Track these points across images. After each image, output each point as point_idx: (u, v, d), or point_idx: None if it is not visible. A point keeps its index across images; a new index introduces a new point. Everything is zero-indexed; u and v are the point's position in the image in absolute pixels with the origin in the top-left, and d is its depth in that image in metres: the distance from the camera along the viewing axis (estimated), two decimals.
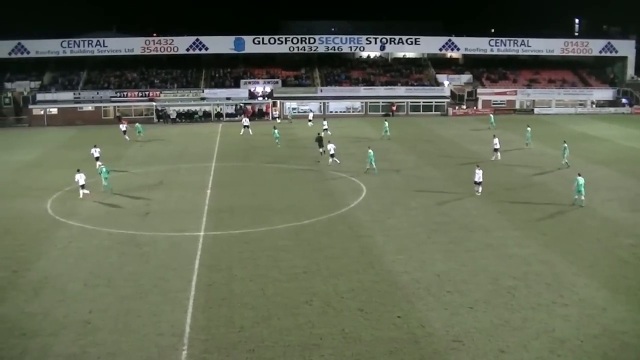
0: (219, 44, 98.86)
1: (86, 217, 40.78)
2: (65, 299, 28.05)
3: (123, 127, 75.66)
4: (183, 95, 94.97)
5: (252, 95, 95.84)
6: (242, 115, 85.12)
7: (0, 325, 25.54)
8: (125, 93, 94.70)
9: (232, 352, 23.10)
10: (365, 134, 74.12)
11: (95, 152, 57.68)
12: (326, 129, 72.06)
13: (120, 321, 25.56)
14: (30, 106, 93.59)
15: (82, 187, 46.23)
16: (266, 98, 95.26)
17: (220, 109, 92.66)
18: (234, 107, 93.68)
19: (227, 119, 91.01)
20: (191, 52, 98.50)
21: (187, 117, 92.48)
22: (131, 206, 43.50)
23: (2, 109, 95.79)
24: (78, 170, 47.00)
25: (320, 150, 60.31)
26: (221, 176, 52.45)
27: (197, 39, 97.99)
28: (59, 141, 74.62)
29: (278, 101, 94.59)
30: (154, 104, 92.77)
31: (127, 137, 73.37)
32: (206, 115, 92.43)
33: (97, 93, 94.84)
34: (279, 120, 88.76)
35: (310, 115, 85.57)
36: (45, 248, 35.15)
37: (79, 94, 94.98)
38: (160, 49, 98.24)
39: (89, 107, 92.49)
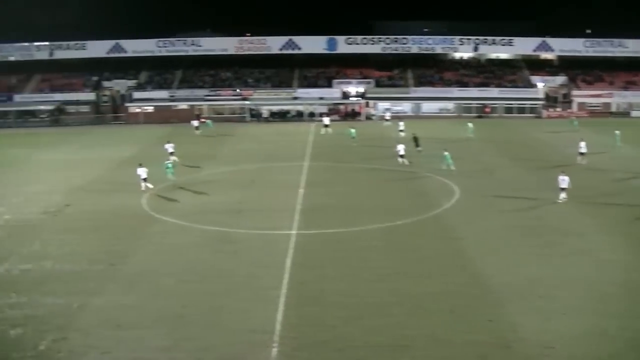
0: (312, 44, 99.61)
1: (180, 214, 41.82)
2: (160, 293, 28.90)
3: (195, 123, 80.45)
4: (276, 95, 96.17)
5: (345, 96, 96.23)
6: (323, 115, 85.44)
7: (97, 316, 26.54)
8: (219, 92, 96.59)
9: (322, 350, 23.34)
10: (458, 135, 73.37)
11: (170, 147, 59.72)
12: (402, 130, 71.68)
13: (212, 316, 26.16)
14: (127, 104, 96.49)
15: (145, 180, 48.11)
16: (359, 98, 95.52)
17: (314, 109, 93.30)
18: (326, 106, 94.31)
19: (320, 118, 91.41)
20: (284, 52, 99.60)
21: (280, 116, 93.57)
22: (224, 204, 44.36)
23: (100, 107, 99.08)
24: (140, 165, 48.93)
25: (418, 149, 60.46)
26: (314, 175, 52.92)
27: (290, 39, 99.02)
28: (155, 139, 76.57)
29: (370, 101, 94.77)
30: (247, 103, 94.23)
31: (197, 132, 78.45)
32: (299, 115, 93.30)
33: (192, 92, 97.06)
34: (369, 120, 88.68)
35: (387, 115, 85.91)
36: (140, 243, 36.27)
37: (174, 92, 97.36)
38: (254, 48, 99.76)
39: (183, 106, 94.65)
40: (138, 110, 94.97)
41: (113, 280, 30.59)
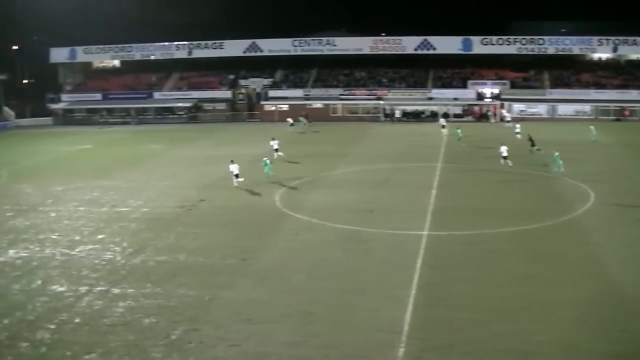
0: (447, 44, 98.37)
1: (312, 211, 42.27)
2: (289, 289, 29.29)
3: (291, 120, 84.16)
4: (410, 95, 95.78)
5: (480, 97, 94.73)
6: (440, 116, 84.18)
7: (228, 309, 27.19)
8: (353, 91, 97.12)
9: (449, 353, 23.05)
10: (581, 138, 70.22)
11: (275, 144, 61.42)
12: (518, 133, 69.61)
13: (341, 314, 26.28)
14: (262, 102, 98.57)
15: (237, 176, 49.82)
16: (493, 99, 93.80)
17: (448, 109, 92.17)
18: (461, 107, 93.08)
19: (455, 119, 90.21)
20: (419, 52, 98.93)
21: (414, 116, 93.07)
22: (357, 202, 44.50)
23: (236, 105, 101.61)
24: (232, 162, 50.68)
25: (535, 148, 59.45)
26: (447, 176, 52.30)
27: (425, 39, 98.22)
28: (288, 137, 77.87)
29: (505, 103, 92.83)
30: (381, 102, 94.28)
31: (290, 129, 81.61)
32: (433, 115, 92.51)
33: (326, 91, 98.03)
34: (498, 122, 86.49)
35: (508, 117, 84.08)
36: (272, 239, 36.90)
37: (309, 91, 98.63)
38: (389, 48, 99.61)
39: (317, 104, 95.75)
40: (273, 108, 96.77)
41: (244, 275, 31.26)
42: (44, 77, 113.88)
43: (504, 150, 55.21)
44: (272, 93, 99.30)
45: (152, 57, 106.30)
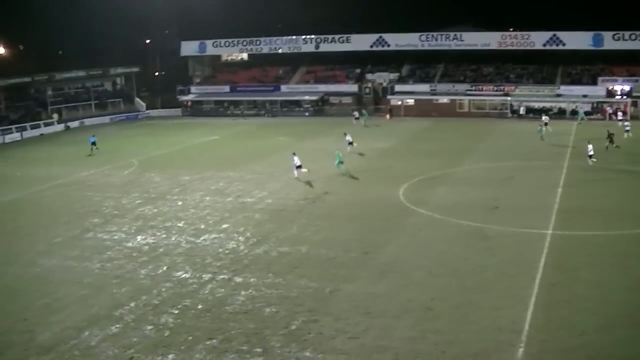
0: (577, 40, 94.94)
1: (435, 207, 42.06)
2: (410, 284, 29.31)
3: (356, 114, 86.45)
4: (538, 91, 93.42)
5: (610, 94, 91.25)
6: (542, 114, 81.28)
7: (347, 302, 27.48)
8: (480, 87, 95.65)
9: (570, 356, 22.57)
10: None
11: (348, 137, 63.11)
12: (627, 131, 66.84)
13: (461, 311, 26.15)
14: (388, 97, 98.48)
15: (299, 167, 51.72)
16: (624, 97, 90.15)
17: (576, 107, 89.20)
18: (590, 105, 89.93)
19: (586, 117, 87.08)
20: (547, 47, 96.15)
21: (541, 113, 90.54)
22: (481, 199, 43.97)
23: (362, 99, 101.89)
24: (294, 154, 52.60)
25: (613, 146, 58.25)
26: (573, 175, 50.84)
27: (554, 35, 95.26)
28: (414, 131, 77.65)
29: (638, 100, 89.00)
30: (509, 98, 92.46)
31: (354, 122, 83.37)
32: (560, 113, 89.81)
33: (453, 86, 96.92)
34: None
35: (620, 115, 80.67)
36: (394, 233, 36.98)
37: (435, 86, 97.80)
38: (517, 44, 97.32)
39: (444, 100, 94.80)
40: (399, 102, 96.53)
41: (365, 269, 31.49)
42: (174, 69, 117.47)
43: (591, 149, 53.79)
44: (399, 87, 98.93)
45: (280, 51, 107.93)
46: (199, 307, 27.75)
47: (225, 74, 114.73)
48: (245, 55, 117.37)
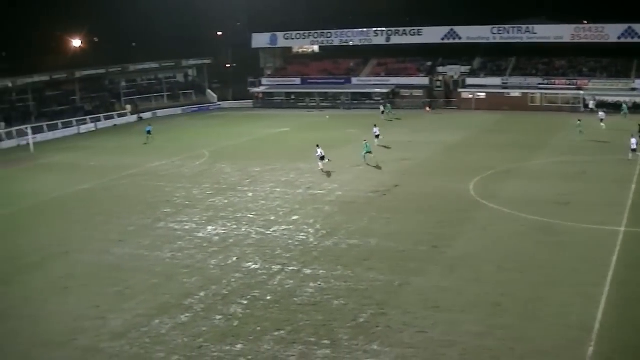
0: None
1: (505, 201, 41.62)
2: (479, 278, 29.16)
3: (382, 108, 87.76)
4: (612, 85, 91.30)
5: None
6: (599, 109, 79.25)
7: (416, 296, 27.49)
8: (552, 80, 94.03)
9: None
10: None
11: (377, 130, 64.39)
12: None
13: (529, 307, 25.90)
14: (459, 90, 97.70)
15: (322, 158, 52.84)
16: None
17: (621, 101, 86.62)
18: None
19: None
20: (622, 40, 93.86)
21: (613, 107, 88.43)
22: (551, 194, 43.31)
23: (433, 92, 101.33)
24: (317, 146, 53.68)
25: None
26: None
27: (630, 27, 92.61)
28: (485, 125, 76.90)
29: None
30: (581, 92, 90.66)
31: (382, 117, 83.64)
32: (636, 107, 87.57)
33: (525, 79, 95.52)
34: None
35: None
36: (464, 227, 36.81)
37: (507, 79, 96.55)
38: (590, 36, 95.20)
39: (515, 93, 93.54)
40: (470, 96, 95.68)
41: (434, 262, 31.45)
42: (245, 61, 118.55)
43: (634, 142, 52.62)
44: (470, 81, 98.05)
45: (351, 43, 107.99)
46: (268, 298, 28.10)
47: (296, 65, 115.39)
48: (316, 48, 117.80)
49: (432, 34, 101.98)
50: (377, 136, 63.88)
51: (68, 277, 32.08)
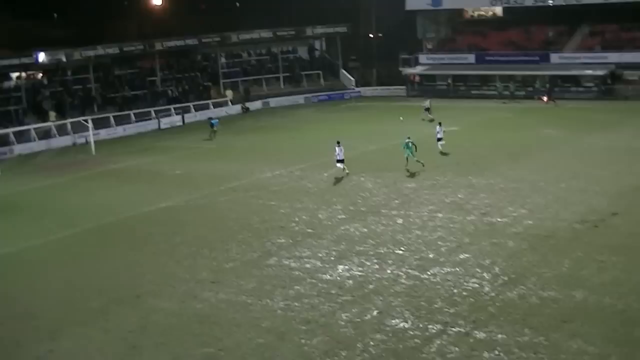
0: None
1: None
2: None
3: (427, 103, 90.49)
4: None
5: None
6: None
7: None
8: None
9: None
10: None
11: (440, 131, 66.81)
12: None
13: None
14: None
15: (340, 161, 58.42)
16: None
17: None
18: None
19: None
20: None
21: None
22: None
23: None
24: (338, 143, 58.85)
25: None
26: None
27: None
28: None
29: None
30: None
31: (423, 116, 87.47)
32: None
33: None
34: None
35: None
36: None
37: None
38: None
39: None
40: None
41: None
42: (396, 30, 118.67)
43: None
44: None
45: (550, 2, 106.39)
46: None
47: (469, 36, 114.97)
48: (498, 10, 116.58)
49: None
50: (440, 139, 64.48)
51: (139, 331, 32.76)
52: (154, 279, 38.93)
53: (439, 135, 66.24)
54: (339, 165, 56.88)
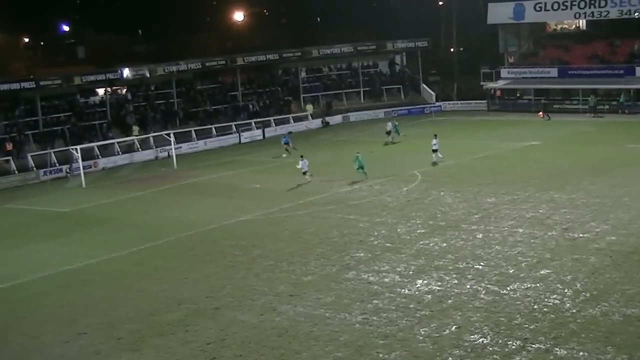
0: None
1: None
2: None
3: (389, 126, 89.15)
4: None
5: None
6: None
7: None
8: None
9: None
10: None
11: (436, 143, 69.83)
12: None
13: None
14: None
15: (305, 173, 63.40)
16: None
17: None
18: None
19: None
20: None
21: None
22: None
23: None
24: (301, 157, 63.99)
25: None
26: None
27: None
28: None
29: None
30: None
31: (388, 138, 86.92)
32: None
33: None
34: None
35: None
36: None
37: None
38: None
39: None
40: None
41: None
42: (478, 44, 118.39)
43: None
44: None
45: (637, 15, 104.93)
46: None
47: (551, 50, 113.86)
48: (582, 23, 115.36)
49: None
50: (435, 150, 65.71)
51: (218, 343, 33.01)
52: (233, 292, 39.20)
53: (434, 147, 68.51)
54: (306, 176, 61.55)
